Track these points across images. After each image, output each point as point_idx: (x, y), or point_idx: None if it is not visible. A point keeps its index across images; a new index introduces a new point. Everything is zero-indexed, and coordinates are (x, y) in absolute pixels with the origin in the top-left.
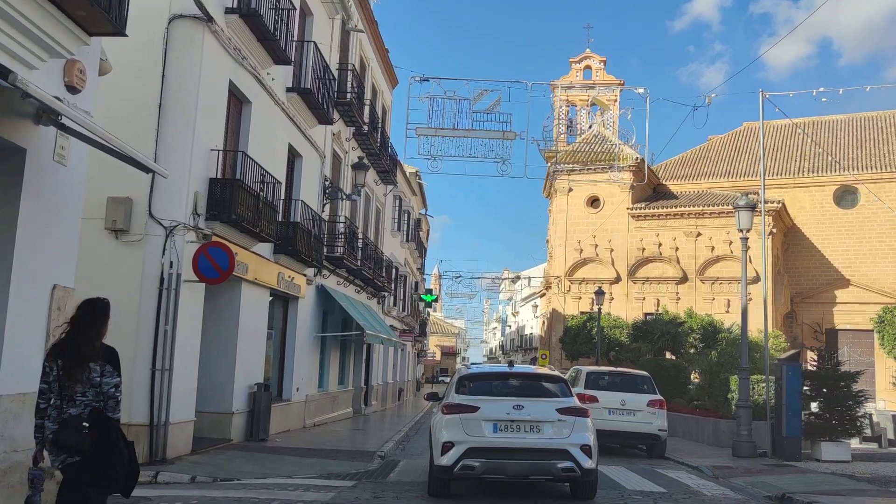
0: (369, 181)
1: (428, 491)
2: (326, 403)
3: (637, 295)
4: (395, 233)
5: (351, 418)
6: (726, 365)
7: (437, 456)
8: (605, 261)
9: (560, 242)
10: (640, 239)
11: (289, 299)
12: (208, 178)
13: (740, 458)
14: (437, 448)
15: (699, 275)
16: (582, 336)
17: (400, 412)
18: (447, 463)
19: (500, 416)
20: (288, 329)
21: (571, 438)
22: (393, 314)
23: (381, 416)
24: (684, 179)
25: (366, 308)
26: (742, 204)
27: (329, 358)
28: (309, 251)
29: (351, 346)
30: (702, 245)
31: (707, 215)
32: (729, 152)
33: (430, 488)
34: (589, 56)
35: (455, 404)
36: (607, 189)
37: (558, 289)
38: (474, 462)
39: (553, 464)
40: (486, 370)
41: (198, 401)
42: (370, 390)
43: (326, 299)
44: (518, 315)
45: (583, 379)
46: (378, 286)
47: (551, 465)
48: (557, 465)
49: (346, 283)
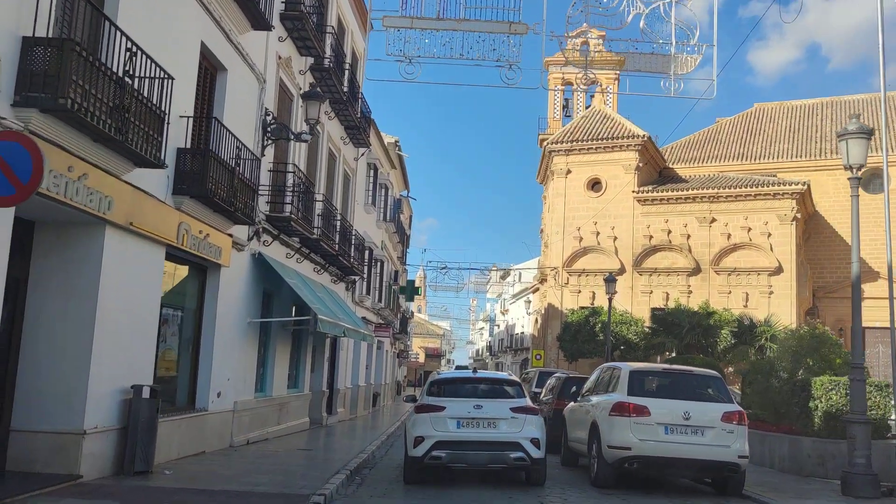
0: (335, 138)
1: (404, 479)
2: (269, 413)
3: (644, 288)
4: (370, 207)
5: (307, 431)
6: (788, 364)
7: (410, 448)
8: (608, 250)
9: (557, 230)
10: (648, 226)
11: (206, 268)
12: (21, 37)
13: (860, 497)
14: (411, 441)
15: (714, 265)
16: (584, 333)
17: (373, 422)
18: (419, 454)
19: (463, 415)
20: (206, 310)
21: (523, 433)
22: (366, 304)
23: (347, 427)
24: (692, 163)
25: (328, 293)
26: (853, 129)
27: (274, 353)
28: (234, 199)
29: (308, 339)
30: (716, 232)
31: (723, 198)
32: (740, 134)
33: (406, 476)
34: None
35: (425, 405)
36: (610, 170)
37: (555, 281)
38: (441, 453)
39: (507, 454)
40: (452, 376)
41: (19, 413)
42: (335, 395)
43: (268, 275)
44: (507, 313)
45: (623, 381)
46: (345, 267)
47: (505, 455)
48: (510, 455)
49: (300, 257)
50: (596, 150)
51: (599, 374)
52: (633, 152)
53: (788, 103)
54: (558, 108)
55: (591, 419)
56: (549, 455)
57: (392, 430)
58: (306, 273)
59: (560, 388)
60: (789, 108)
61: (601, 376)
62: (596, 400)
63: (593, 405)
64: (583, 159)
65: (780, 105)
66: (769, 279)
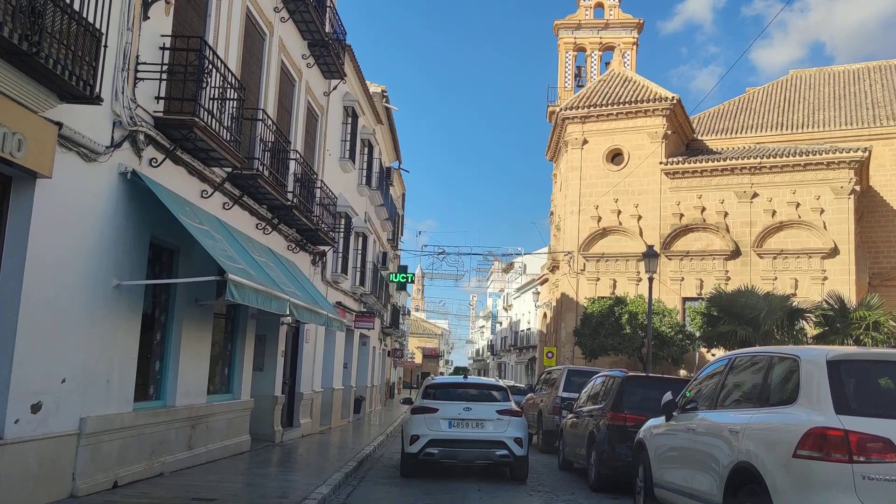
0: (292, 52)
1: (400, 473)
2: (167, 434)
3: (673, 274)
4: (347, 164)
5: (243, 456)
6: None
7: (406, 446)
8: (632, 231)
9: (572, 209)
10: (677, 203)
11: (8, 180)
12: None
13: None
14: (407, 439)
15: (756, 247)
16: (607, 326)
17: (349, 436)
18: (414, 451)
19: (454, 416)
20: (3, 258)
21: (507, 433)
22: (343, 287)
23: (309, 446)
24: (723, 134)
25: (277, 261)
26: None
27: (179, 342)
28: (59, 51)
29: (247, 325)
30: (759, 209)
31: (766, 169)
32: (777, 102)
33: (402, 471)
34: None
35: (420, 406)
36: (633, 139)
37: (569, 268)
38: (434, 450)
39: (493, 451)
40: (446, 381)
41: None
42: (297, 402)
43: (159, 214)
44: (511, 308)
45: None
46: (307, 230)
47: (491, 452)
48: (496, 452)
49: (229, 201)
50: (617, 116)
51: (753, 366)
52: (659, 118)
53: (829, 69)
54: (570, 76)
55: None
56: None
57: (370, 448)
58: (244, 230)
59: (617, 394)
60: (831, 73)
61: (751, 368)
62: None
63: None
64: (601, 127)
65: (820, 71)
66: (822, 263)
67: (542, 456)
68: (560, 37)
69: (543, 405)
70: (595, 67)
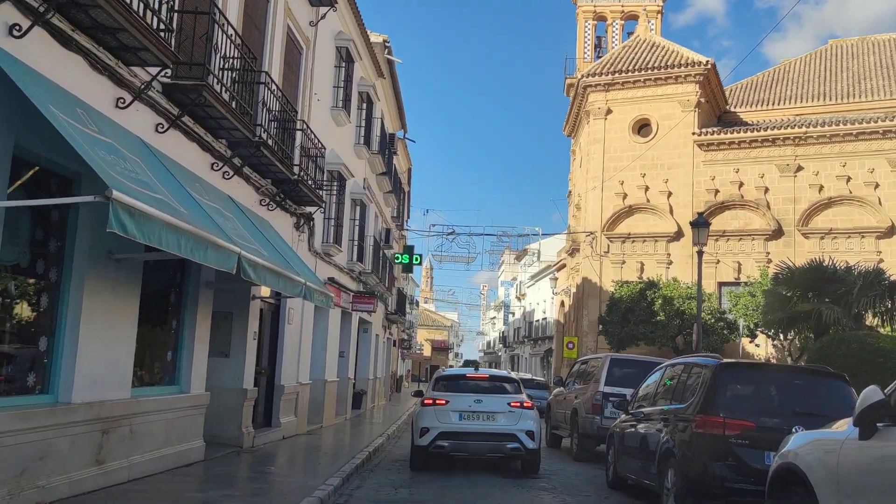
0: None
1: (410, 466)
2: (48, 446)
3: (708, 257)
4: (340, 114)
5: (190, 469)
6: None
7: (416, 438)
8: (661, 208)
9: (594, 185)
10: (712, 177)
11: None
12: None
13: None
14: (417, 432)
15: (801, 226)
16: (638, 312)
17: (343, 439)
18: (424, 443)
19: (464, 408)
20: None
21: (519, 425)
22: (336, 260)
23: (291, 451)
24: (759, 105)
25: (243, 214)
26: None
27: (76, 309)
28: None
29: (203, 295)
30: (804, 184)
31: (813, 140)
32: (817, 73)
33: (412, 463)
34: None
35: (431, 398)
36: (662, 109)
37: (591, 250)
38: (444, 442)
39: (504, 444)
40: (456, 372)
41: None
42: (276, 396)
43: (35, 119)
44: (525, 298)
45: None
46: (285, 181)
47: (502, 445)
48: (507, 445)
49: (163, 121)
50: (644, 83)
51: None
52: (692, 84)
53: (873, 37)
54: (589, 47)
55: None
56: None
57: (365, 455)
58: (195, 169)
59: (709, 389)
60: (876, 42)
61: None
62: None
63: None
64: (627, 95)
65: (862, 40)
66: (877, 243)
67: (579, 466)
68: (578, 5)
69: (579, 403)
70: (616, 38)
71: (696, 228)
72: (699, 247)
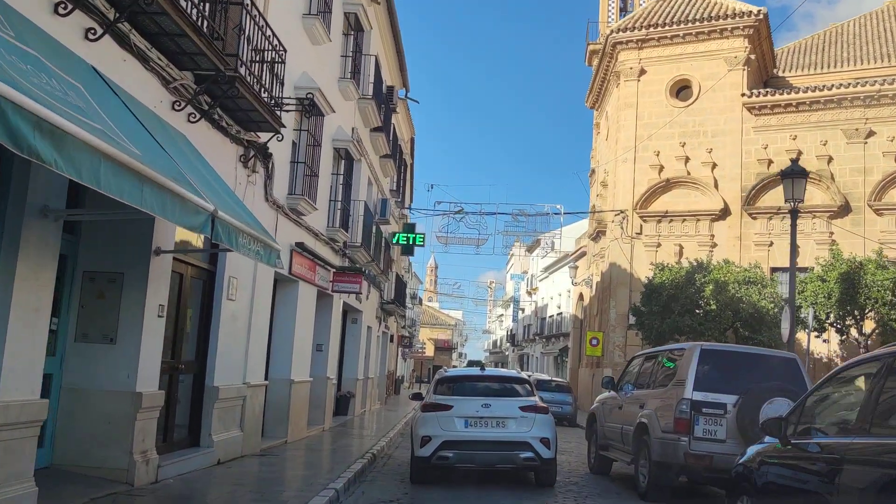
0: None
1: (410, 479)
2: None
3: (759, 238)
4: (315, 25)
5: None
6: None
7: (416, 448)
8: (704, 182)
9: (626, 156)
10: (764, 146)
11: None
12: None
13: None
14: (417, 441)
15: (873, 201)
16: (683, 301)
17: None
18: (425, 454)
19: (471, 414)
20: None
21: (532, 432)
22: (309, 222)
23: (217, 492)
24: (812, 69)
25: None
26: None
27: None
28: None
29: (40, 233)
30: (876, 152)
31: (887, 99)
32: (878, 33)
33: (412, 476)
34: None
35: (432, 403)
36: (705, 68)
37: (622, 231)
38: (448, 453)
39: (516, 454)
40: (460, 373)
41: None
42: (207, 403)
43: None
44: (537, 292)
45: None
46: (213, 70)
47: (514, 455)
48: (520, 455)
49: None
50: (684, 37)
51: None
52: (740, 39)
53: None
54: (614, 8)
55: None
56: None
57: (328, 496)
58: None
59: None
60: None
61: None
62: None
63: None
64: (664, 53)
65: None
66: None
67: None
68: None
69: (648, 415)
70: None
71: (791, 179)
72: (793, 203)
